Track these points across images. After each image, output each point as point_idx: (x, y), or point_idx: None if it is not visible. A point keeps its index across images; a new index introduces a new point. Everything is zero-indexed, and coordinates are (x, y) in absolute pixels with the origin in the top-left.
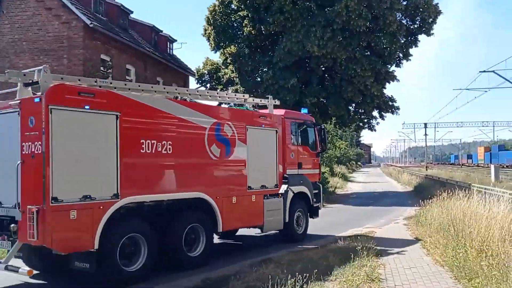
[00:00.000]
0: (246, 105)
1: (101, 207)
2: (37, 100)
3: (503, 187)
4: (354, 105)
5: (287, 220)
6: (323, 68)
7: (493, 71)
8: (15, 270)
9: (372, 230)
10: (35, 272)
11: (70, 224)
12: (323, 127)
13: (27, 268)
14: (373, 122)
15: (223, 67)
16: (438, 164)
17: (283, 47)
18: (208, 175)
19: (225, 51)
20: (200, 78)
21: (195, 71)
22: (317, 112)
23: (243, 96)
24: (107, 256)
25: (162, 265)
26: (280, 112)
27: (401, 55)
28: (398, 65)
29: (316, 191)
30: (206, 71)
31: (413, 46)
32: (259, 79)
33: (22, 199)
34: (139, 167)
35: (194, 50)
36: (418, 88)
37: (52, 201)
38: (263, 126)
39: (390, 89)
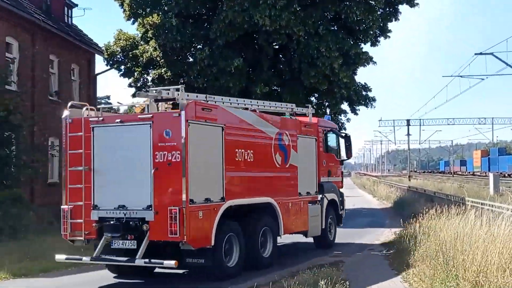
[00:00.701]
0: (286, 113)
1: (215, 209)
2: (175, 115)
3: (505, 202)
4: (316, 95)
5: (323, 226)
6: (277, 47)
7: (491, 54)
8: (160, 263)
9: (339, 260)
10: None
11: (199, 223)
12: (348, 134)
13: (173, 261)
14: (342, 118)
15: (142, 42)
16: (424, 172)
17: (223, 18)
18: (274, 182)
19: (145, 22)
20: (111, 57)
21: (103, 47)
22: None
23: (291, 106)
24: (217, 252)
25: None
26: (314, 120)
27: (377, 31)
28: (374, 44)
29: (341, 199)
30: (118, 48)
31: (393, 19)
32: (191, 60)
33: (157, 201)
34: (235, 173)
35: (103, 20)
36: (401, 77)
37: (190, 202)
38: (308, 134)
39: (363, 76)
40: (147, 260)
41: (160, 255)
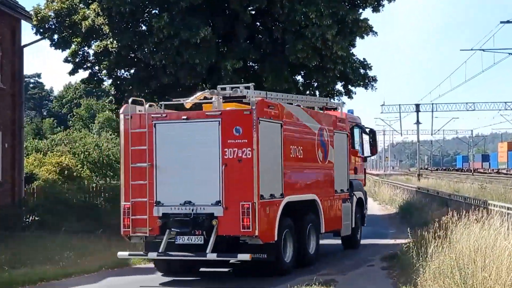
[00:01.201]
0: (315, 107)
1: (277, 205)
2: (247, 112)
3: None
4: (303, 73)
5: (353, 225)
6: (253, 12)
7: None
8: (233, 256)
9: (331, 279)
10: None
11: (267, 218)
12: (373, 129)
13: (247, 254)
14: (336, 101)
15: (81, 6)
16: (437, 170)
17: None
18: (316, 178)
19: None
20: (42, 24)
21: (32, 11)
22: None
23: (326, 100)
24: (278, 247)
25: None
26: (343, 114)
27: None
28: (376, 9)
29: (365, 197)
30: (51, 13)
31: None
32: (144, 28)
33: (226, 197)
34: (290, 170)
35: None
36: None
37: (260, 198)
38: (341, 130)
39: (361, 50)
40: (218, 254)
41: (219, 251)
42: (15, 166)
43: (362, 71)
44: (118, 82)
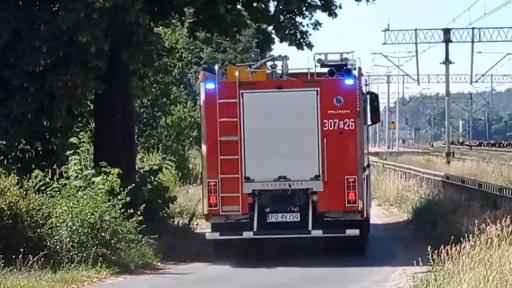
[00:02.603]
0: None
1: (364, 179)
2: (349, 81)
3: None
4: None
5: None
6: None
7: None
8: (340, 232)
9: None
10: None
11: (363, 192)
12: (376, 93)
13: (357, 230)
14: (304, 23)
15: None
16: (480, 145)
17: None
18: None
19: None
20: None
21: None
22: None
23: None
24: (367, 223)
25: None
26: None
27: None
28: None
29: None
30: None
31: None
32: None
33: (326, 171)
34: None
35: None
36: None
37: (360, 171)
38: None
39: None
40: (325, 230)
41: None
42: None
43: None
44: None
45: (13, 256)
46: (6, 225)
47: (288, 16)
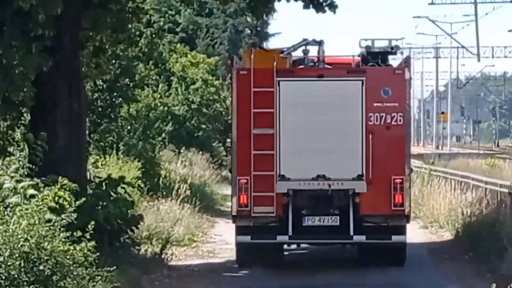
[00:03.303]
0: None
1: (410, 180)
2: (398, 71)
3: None
4: None
5: None
6: None
7: None
8: (387, 238)
9: None
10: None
11: (409, 195)
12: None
13: (403, 236)
14: None
15: None
16: None
17: None
18: None
19: None
20: None
21: None
22: None
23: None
24: (406, 229)
25: None
26: None
27: None
28: None
29: None
30: None
31: None
32: None
33: (370, 170)
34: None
35: None
36: None
37: (407, 170)
38: None
39: None
40: (368, 236)
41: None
42: None
43: None
44: None
45: None
46: None
47: None
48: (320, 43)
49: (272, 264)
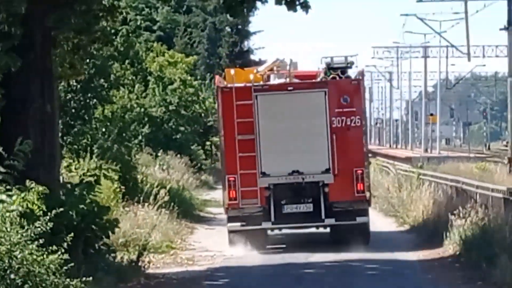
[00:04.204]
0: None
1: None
2: (355, 82)
3: None
4: None
5: None
6: None
7: None
8: (352, 219)
9: None
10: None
11: (369, 183)
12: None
13: (366, 217)
14: None
15: None
16: None
17: None
18: None
19: None
20: None
21: None
22: None
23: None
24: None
25: None
26: None
27: None
28: None
29: None
30: None
31: None
32: None
33: (335, 164)
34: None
35: None
36: None
37: (365, 163)
38: None
39: None
40: (337, 218)
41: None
42: None
43: None
44: None
45: None
46: None
47: None
48: (291, 61)
49: (257, 246)
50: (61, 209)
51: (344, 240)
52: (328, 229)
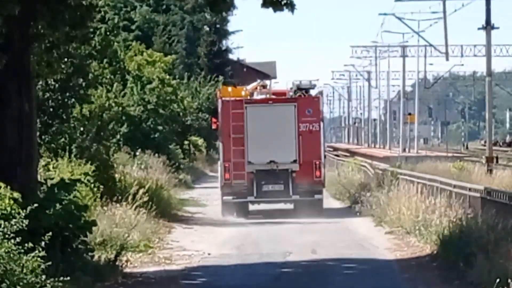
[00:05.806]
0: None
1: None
2: (316, 99)
3: None
4: None
5: None
6: None
7: None
8: (311, 196)
9: None
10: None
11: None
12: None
13: (321, 195)
14: None
15: None
16: None
17: None
18: None
19: None
20: None
21: None
22: None
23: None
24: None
25: None
26: None
27: None
28: None
29: None
30: None
31: None
32: None
33: (300, 157)
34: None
35: None
36: None
37: (322, 157)
38: None
39: None
40: (301, 195)
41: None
42: None
43: None
44: None
45: None
46: None
47: None
48: (270, 83)
49: (242, 214)
50: (36, 205)
51: (304, 212)
52: (292, 205)
